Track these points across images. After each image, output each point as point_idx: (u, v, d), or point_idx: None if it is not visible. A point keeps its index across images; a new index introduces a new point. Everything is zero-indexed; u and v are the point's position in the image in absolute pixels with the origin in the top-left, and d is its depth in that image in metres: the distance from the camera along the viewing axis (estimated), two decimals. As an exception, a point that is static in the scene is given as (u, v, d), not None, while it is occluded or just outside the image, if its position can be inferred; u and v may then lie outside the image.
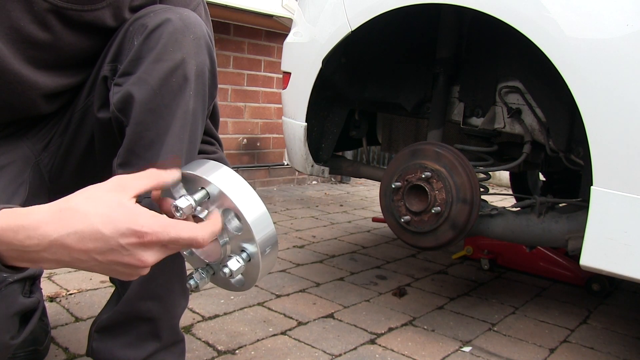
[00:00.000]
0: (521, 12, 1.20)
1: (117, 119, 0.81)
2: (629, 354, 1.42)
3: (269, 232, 0.66)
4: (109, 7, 0.85)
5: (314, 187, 3.91)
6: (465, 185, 1.33)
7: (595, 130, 1.10)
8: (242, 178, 0.66)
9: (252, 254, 0.66)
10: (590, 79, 1.11)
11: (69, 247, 0.54)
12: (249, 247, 0.66)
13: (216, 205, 0.65)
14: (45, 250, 0.54)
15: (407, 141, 1.96)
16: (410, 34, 1.68)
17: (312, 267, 1.95)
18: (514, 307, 1.69)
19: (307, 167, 1.76)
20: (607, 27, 1.10)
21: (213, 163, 0.66)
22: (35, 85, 0.84)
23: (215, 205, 0.65)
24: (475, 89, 1.58)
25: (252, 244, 0.65)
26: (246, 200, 0.64)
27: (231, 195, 0.63)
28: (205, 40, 0.83)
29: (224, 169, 0.65)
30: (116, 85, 0.82)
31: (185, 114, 0.81)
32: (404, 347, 1.34)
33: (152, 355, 0.89)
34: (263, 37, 3.55)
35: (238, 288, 0.73)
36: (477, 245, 2.08)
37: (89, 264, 0.56)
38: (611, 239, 1.10)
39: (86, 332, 0.98)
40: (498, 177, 4.37)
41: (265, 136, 3.67)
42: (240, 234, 0.66)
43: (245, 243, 0.66)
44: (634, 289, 1.97)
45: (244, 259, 0.66)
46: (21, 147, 0.90)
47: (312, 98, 1.67)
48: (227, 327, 1.38)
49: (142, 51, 0.80)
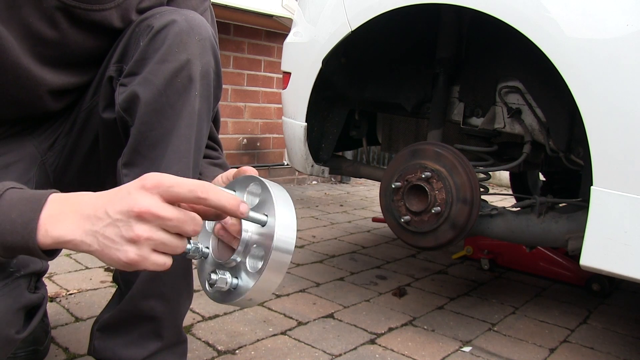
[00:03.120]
0: (521, 12, 1.20)
1: (122, 119, 0.82)
2: (629, 354, 1.42)
3: (265, 292, 0.66)
4: (116, 9, 0.86)
5: (314, 187, 3.91)
6: (465, 185, 1.33)
7: (595, 130, 1.10)
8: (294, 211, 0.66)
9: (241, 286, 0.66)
10: (590, 79, 1.11)
11: (99, 194, 0.60)
12: (244, 280, 0.66)
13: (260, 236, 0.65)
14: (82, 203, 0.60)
15: (407, 141, 1.96)
16: (410, 34, 1.68)
17: (312, 267, 1.95)
18: (514, 307, 1.69)
19: (307, 167, 1.76)
20: (607, 27, 1.10)
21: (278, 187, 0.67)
22: (43, 81, 0.84)
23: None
24: (475, 89, 1.58)
25: (251, 283, 0.65)
26: (276, 264, 0.64)
27: (272, 254, 0.63)
28: (210, 42, 0.84)
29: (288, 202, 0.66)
30: (122, 86, 0.82)
31: (191, 114, 0.82)
32: (404, 347, 1.35)
33: (154, 354, 0.89)
34: (263, 37, 3.55)
35: (205, 290, 0.71)
36: (477, 245, 2.08)
37: (102, 224, 0.58)
38: (611, 239, 1.10)
39: (86, 332, 0.98)
40: (498, 177, 4.37)
41: (265, 136, 3.67)
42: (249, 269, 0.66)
43: (248, 277, 0.65)
44: (634, 289, 1.97)
45: (228, 285, 0.66)
46: (28, 145, 0.91)
47: (312, 98, 1.67)
48: (227, 327, 1.38)
49: (148, 52, 0.81)
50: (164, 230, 0.58)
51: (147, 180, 0.58)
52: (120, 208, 0.57)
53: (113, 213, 0.58)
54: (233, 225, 0.69)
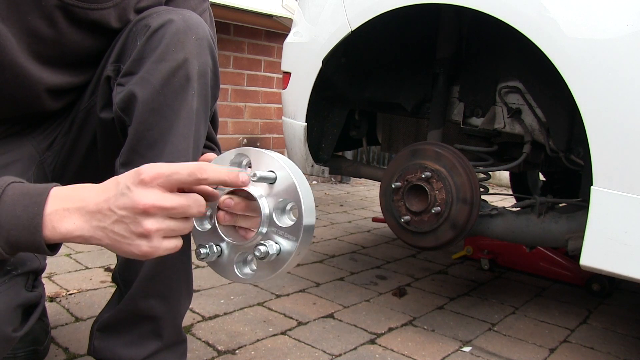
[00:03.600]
0: (521, 12, 1.20)
1: (120, 119, 0.82)
2: (629, 354, 1.42)
3: (309, 238, 0.67)
4: (115, 8, 0.86)
5: (314, 187, 3.91)
6: (465, 185, 1.33)
7: (595, 130, 1.10)
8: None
9: (285, 251, 0.67)
10: (590, 79, 1.11)
11: (99, 190, 0.61)
12: (284, 244, 0.67)
13: (276, 195, 0.67)
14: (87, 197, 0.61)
15: (407, 141, 1.96)
16: (410, 34, 1.68)
17: (312, 267, 1.95)
18: (514, 307, 1.69)
19: (307, 167, 1.76)
20: (607, 27, 1.10)
21: (283, 157, 0.68)
22: (40, 80, 0.84)
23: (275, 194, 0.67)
24: (475, 89, 1.58)
25: (293, 242, 0.66)
26: (309, 205, 0.66)
27: (301, 193, 0.65)
28: (207, 41, 0.84)
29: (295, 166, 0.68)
30: (119, 85, 0.82)
31: (188, 114, 0.82)
32: (404, 347, 1.35)
33: (154, 354, 0.89)
34: (263, 37, 3.55)
35: (238, 279, 0.72)
36: (477, 245, 2.08)
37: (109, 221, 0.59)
38: (611, 239, 1.10)
39: (86, 332, 0.98)
40: (498, 177, 4.37)
41: (265, 136, 3.67)
42: (284, 228, 0.67)
43: (284, 239, 0.67)
44: (634, 289, 1.97)
45: (276, 250, 0.67)
46: (26, 145, 0.91)
47: (312, 98, 1.67)
48: (227, 327, 1.38)
49: (145, 51, 0.81)
50: (171, 218, 0.61)
51: (145, 174, 0.59)
52: (124, 204, 0.59)
53: (117, 209, 0.59)
54: (237, 204, 0.70)
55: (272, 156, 0.67)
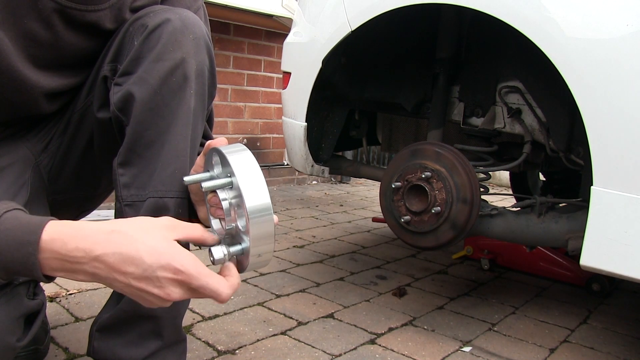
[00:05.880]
0: (521, 12, 1.20)
1: (118, 119, 0.82)
2: (629, 354, 1.42)
3: (263, 229, 0.67)
4: (111, 9, 0.85)
5: (314, 187, 3.91)
6: (465, 185, 1.33)
7: (595, 130, 1.10)
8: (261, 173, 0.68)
9: (243, 247, 0.68)
10: (590, 79, 1.11)
11: (111, 265, 0.59)
12: (245, 240, 0.68)
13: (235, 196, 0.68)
14: (87, 263, 0.59)
15: (407, 141, 1.96)
16: (410, 34, 1.68)
17: (312, 267, 1.95)
18: (514, 307, 1.69)
19: (307, 167, 1.76)
20: (607, 27, 1.10)
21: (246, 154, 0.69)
22: (37, 84, 0.84)
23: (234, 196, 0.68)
24: (475, 89, 1.58)
25: (246, 237, 0.67)
26: (254, 196, 0.66)
27: (245, 194, 0.65)
28: (204, 40, 0.84)
29: (251, 162, 0.68)
30: (116, 85, 0.82)
31: (186, 113, 0.82)
32: (404, 347, 1.35)
33: (154, 354, 0.88)
34: (263, 37, 3.55)
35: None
36: (477, 245, 2.08)
37: (121, 285, 0.60)
38: (611, 239, 1.10)
39: (86, 332, 0.98)
40: (498, 177, 4.37)
41: (265, 136, 3.67)
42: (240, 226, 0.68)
43: (245, 236, 0.68)
44: (634, 289, 1.97)
45: (223, 254, 0.68)
46: (21, 148, 0.91)
47: (312, 98, 1.67)
48: (227, 327, 1.38)
49: (142, 51, 0.80)
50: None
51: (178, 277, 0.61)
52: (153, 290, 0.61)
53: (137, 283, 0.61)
54: (217, 205, 0.72)
55: (228, 159, 0.67)
